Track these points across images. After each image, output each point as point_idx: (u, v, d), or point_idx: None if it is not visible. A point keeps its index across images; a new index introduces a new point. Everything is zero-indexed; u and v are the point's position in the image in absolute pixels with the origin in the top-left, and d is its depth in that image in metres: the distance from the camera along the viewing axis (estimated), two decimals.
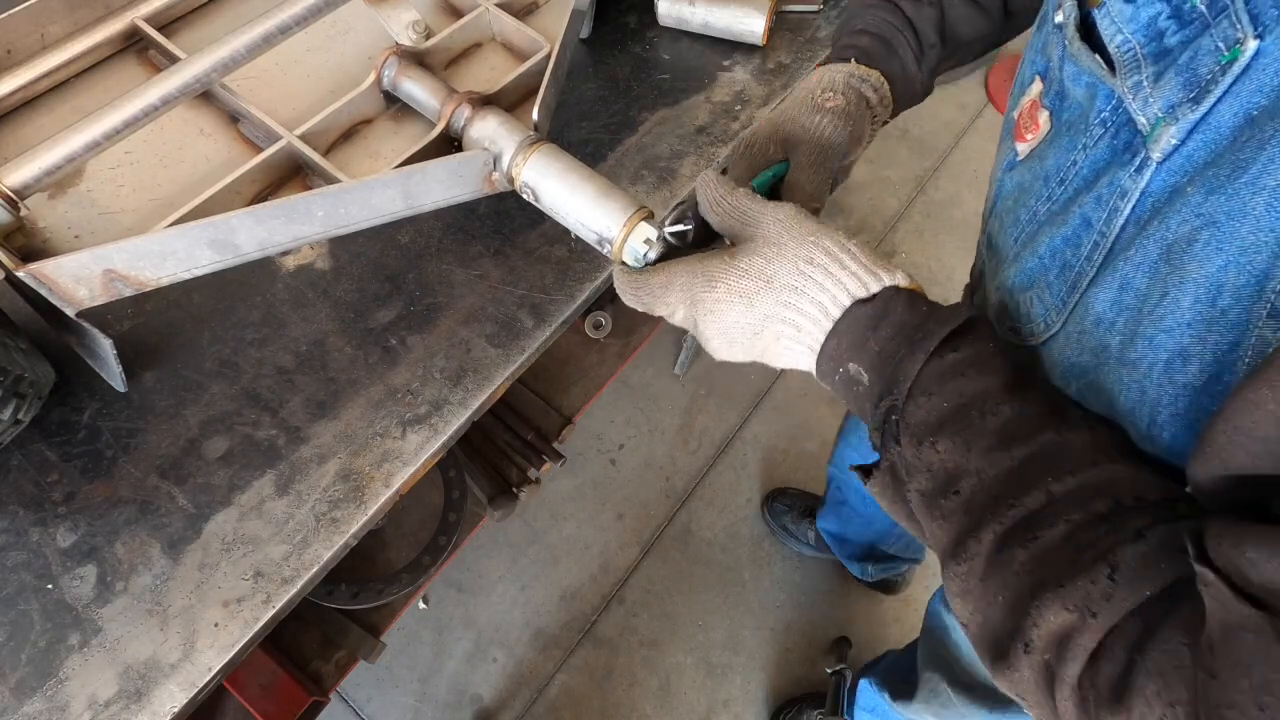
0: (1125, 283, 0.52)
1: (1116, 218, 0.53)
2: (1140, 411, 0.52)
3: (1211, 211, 0.45)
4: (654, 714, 1.85)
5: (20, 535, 0.79)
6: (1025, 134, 0.64)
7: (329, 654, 1.36)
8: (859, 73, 0.76)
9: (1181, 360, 0.48)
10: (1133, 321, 0.51)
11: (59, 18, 0.82)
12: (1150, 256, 0.50)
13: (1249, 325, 0.44)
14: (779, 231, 0.57)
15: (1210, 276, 0.45)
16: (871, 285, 0.55)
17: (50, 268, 0.67)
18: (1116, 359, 0.53)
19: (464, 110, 0.77)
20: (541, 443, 1.59)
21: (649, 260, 0.67)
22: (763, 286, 0.57)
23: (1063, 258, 0.58)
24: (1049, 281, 0.60)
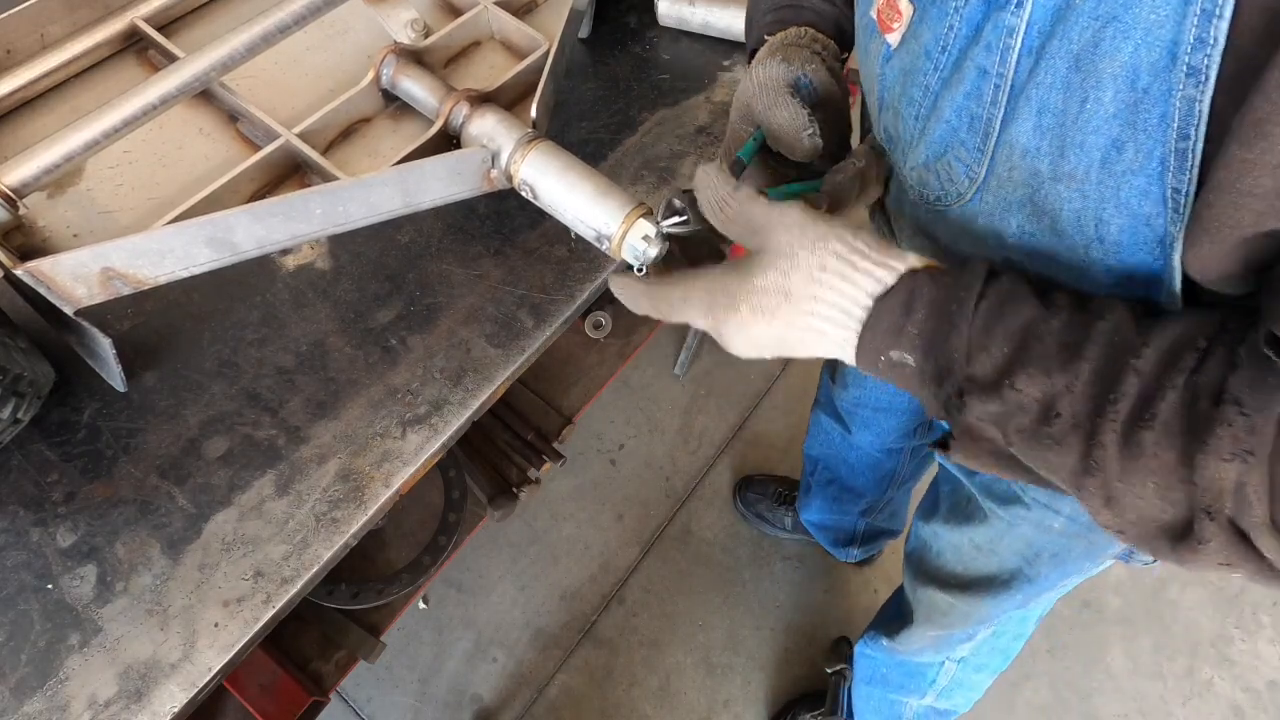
0: (1042, 107, 0.53)
1: (1010, 55, 0.54)
2: (1085, 217, 0.55)
3: (1108, 9, 0.48)
4: (654, 714, 1.84)
5: (20, 535, 0.79)
6: (891, 25, 0.65)
7: (329, 654, 1.36)
8: (774, 39, 0.76)
9: (1116, 150, 0.51)
10: (1058, 138, 0.53)
11: (59, 18, 0.82)
12: (1059, 74, 0.51)
13: (1171, 92, 0.47)
14: (788, 242, 0.58)
15: (1125, 64, 0.48)
16: (887, 278, 0.56)
17: (48, 266, 0.67)
18: (1051, 178, 0.55)
19: (462, 108, 0.77)
20: (541, 443, 1.59)
21: (649, 257, 0.67)
22: (782, 302, 0.58)
23: (969, 112, 0.59)
24: (961, 139, 0.61)
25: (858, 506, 1.66)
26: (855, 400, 1.33)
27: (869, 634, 1.51)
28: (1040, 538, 0.90)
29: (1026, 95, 0.54)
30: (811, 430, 1.59)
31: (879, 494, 1.60)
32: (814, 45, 0.77)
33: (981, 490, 0.93)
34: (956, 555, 1.06)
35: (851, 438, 1.42)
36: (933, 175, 0.67)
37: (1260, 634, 1.91)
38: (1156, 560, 0.54)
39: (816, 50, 0.76)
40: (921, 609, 1.22)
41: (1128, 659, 1.89)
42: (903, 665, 1.42)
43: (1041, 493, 0.84)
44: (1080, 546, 0.88)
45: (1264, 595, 1.96)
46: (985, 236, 0.66)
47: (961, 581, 1.08)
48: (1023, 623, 1.17)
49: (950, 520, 1.04)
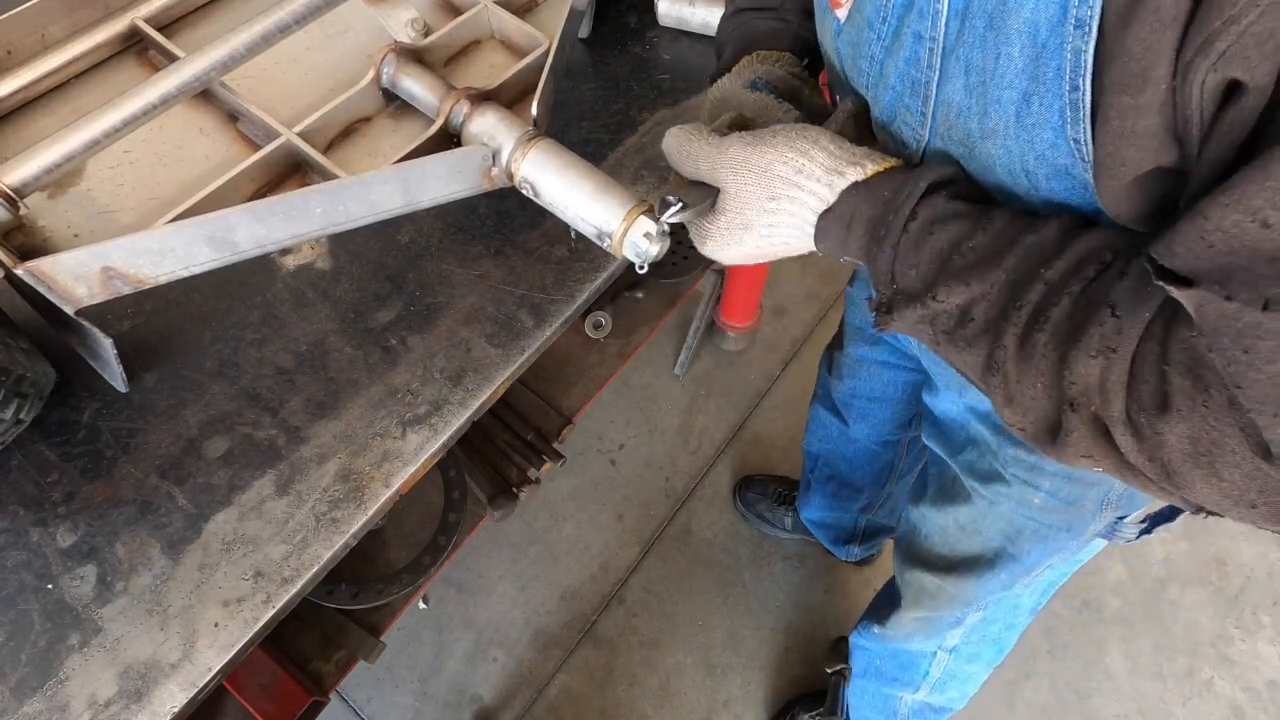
0: (968, 65, 0.57)
1: (940, 20, 0.57)
2: (1015, 170, 0.58)
3: None
4: (654, 714, 1.84)
5: (20, 535, 0.79)
6: (838, 3, 0.68)
7: (329, 654, 1.36)
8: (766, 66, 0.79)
9: (1025, 103, 0.54)
10: (981, 96, 0.57)
11: (59, 18, 0.82)
12: (979, 32, 0.55)
13: (1064, 45, 0.50)
14: (735, 179, 0.63)
15: (1027, 20, 0.51)
16: (828, 195, 0.61)
17: (49, 265, 0.67)
18: (979, 136, 0.58)
19: (463, 106, 0.77)
20: (541, 443, 1.59)
21: (651, 254, 0.67)
22: (744, 232, 0.64)
23: (910, 78, 0.62)
24: (906, 104, 0.64)
25: (857, 503, 1.66)
26: (850, 391, 1.34)
27: (861, 624, 1.52)
28: (1021, 514, 0.93)
29: (956, 55, 0.58)
30: (810, 426, 1.60)
31: (878, 489, 1.60)
32: (765, 61, 0.80)
33: (965, 469, 0.96)
34: (943, 537, 1.08)
35: (849, 430, 1.43)
36: (886, 140, 0.70)
37: (1260, 634, 1.91)
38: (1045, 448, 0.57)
39: (768, 63, 0.79)
40: (910, 592, 1.24)
41: (1127, 659, 1.89)
42: (895, 655, 1.42)
43: (1021, 469, 0.87)
44: (1060, 521, 0.91)
45: (1264, 595, 1.96)
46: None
47: (948, 562, 1.10)
48: (1014, 611, 1.17)
49: (937, 502, 1.06)
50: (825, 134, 0.63)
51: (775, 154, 0.62)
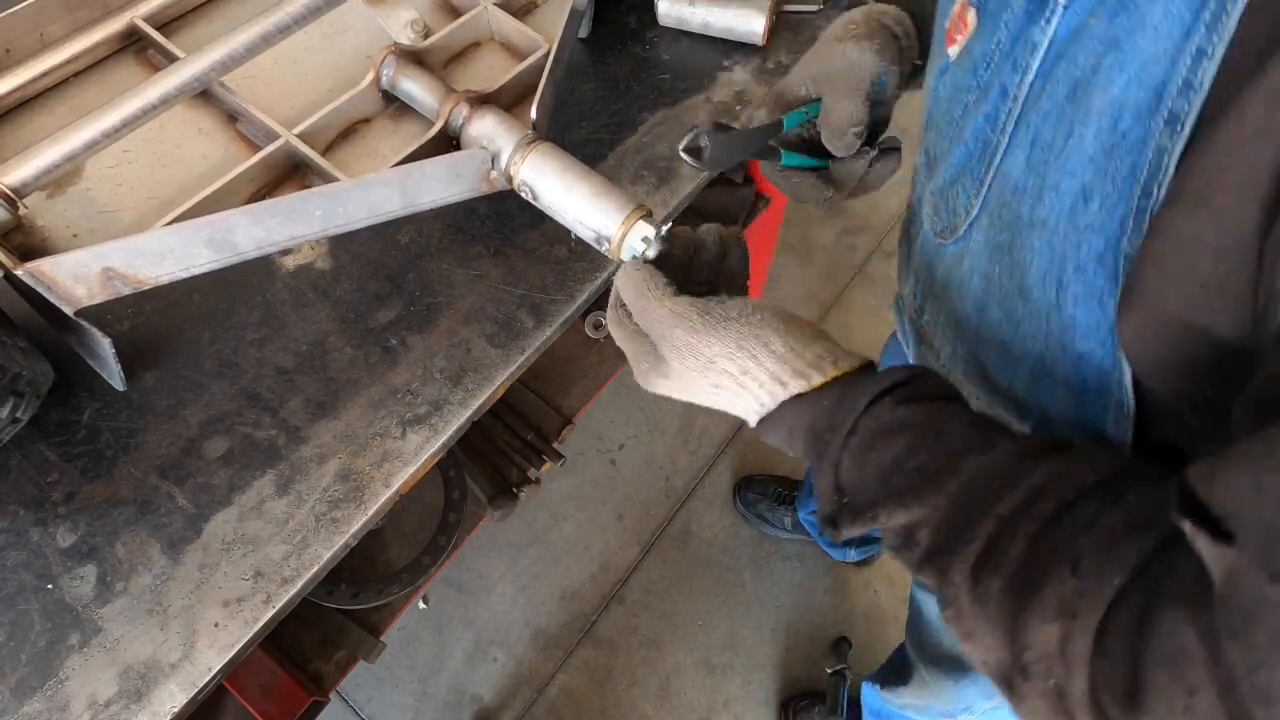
0: (1035, 137, 0.52)
1: (1027, 74, 0.53)
2: (1050, 276, 0.53)
3: (1114, 33, 0.46)
4: (654, 714, 1.84)
5: (20, 535, 0.79)
6: (955, 36, 0.63)
7: (329, 654, 1.36)
8: (878, 9, 0.75)
9: (1084, 199, 0.49)
10: (1040, 177, 0.52)
11: (58, 17, 0.82)
12: (1058, 100, 0.50)
13: (1147, 140, 0.44)
14: (681, 362, 0.59)
15: (1113, 100, 0.46)
16: (769, 404, 0.57)
17: (48, 266, 0.67)
18: (1028, 224, 0.54)
19: (462, 109, 0.77)
20: (541, 443, 1.59)
21: (648, 258, 0.67)
22: (687, 398, 0.62)
23: (983, 136, 0.58)
24: (970, 166, 0.60)
25: None
26: None
27: (869, 676, 1.53)
28: None
29: (1026, 121, 0.53)
30: None
31: None
32: (903, 38, 0.75)
33: None
34: (938, 624, 1.04)
35: None
36: (943, 203, 0.66)
37: None
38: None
39: (903, 45, 0.75)
40: (914, 673, 1.23)
41: None
42: (893, 717, 1.43)
43: None
44: None
45: None
46: (965, 283, 0.65)
47: (935, 655, 1.08)
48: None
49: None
50: (779, 331, 0.58)
51: (720, 349, 0.58)
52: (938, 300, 0.74)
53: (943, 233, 0.68)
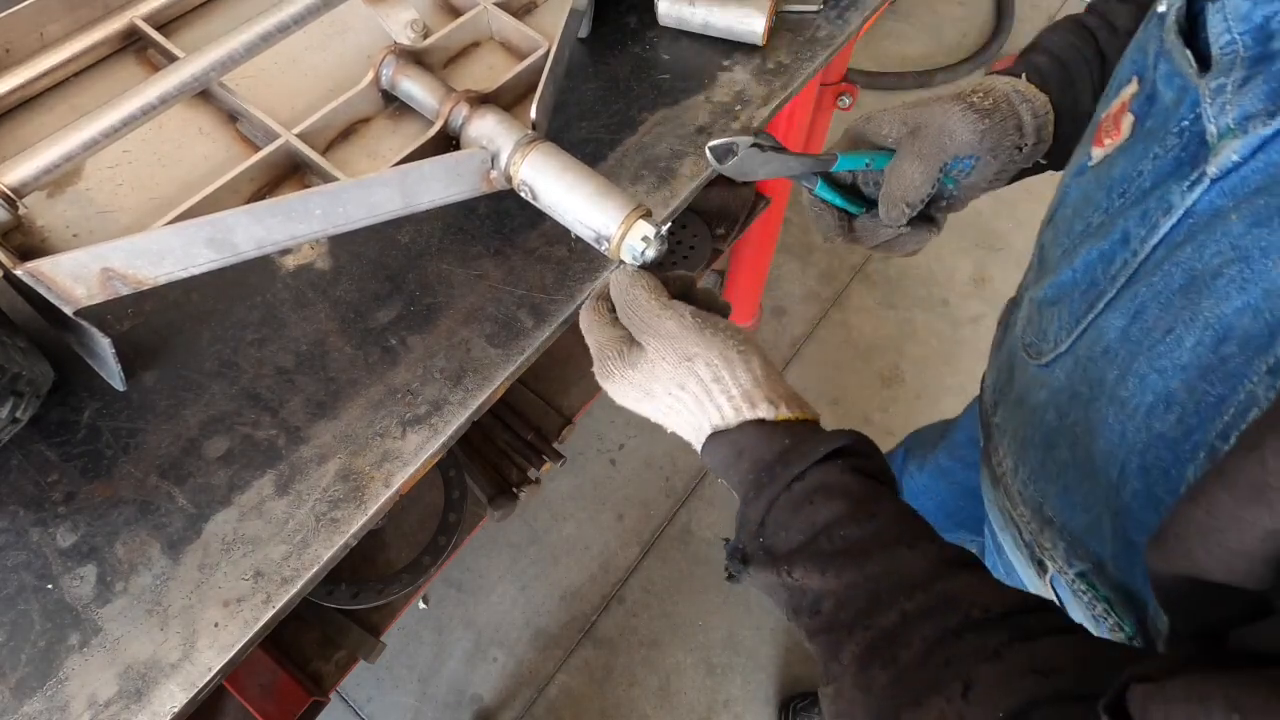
0: (1139, 311, 0.49)
1: (1153, 235, 0.49)
2: (1114, 457, 0.51)
3: (1248, 245, 0.42)
4: (654, 714, 1.84)
5: (20, 535, 0.79)
6: (1104, 138, 0.58)
7: (329, 654, 1.36)
8: (1023, 89, 0.69)
9: (1164, 406, 0.46)
10: (1131, 356, 0.49)
11: (58, 17, 0.82)
12: (1172, 284, 0.46)
13: (1243, 379, 0.40)
14: (658, 349, 0.59)
15: (1223, 318, 0.42)
16: (731, 418, 0.57)
17: (48, 266, 0.67)
18: (1109, 394, 0.51)
19: (462, 109, 0.77)
20: (541, 443, 1.59)
21: (648, 259, 0.67)
22: (644, 397, 0.62)
23: (1092, 274, 0.55)
24: (1073, 298, 0.57)
25: None
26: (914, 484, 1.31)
27: None
28: None
29: (1135, 290, 0.49)
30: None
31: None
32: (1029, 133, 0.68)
33: None
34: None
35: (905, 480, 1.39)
36: (1037, 318, 0.63)
37: None
38: None
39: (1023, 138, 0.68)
40: None
41: None
42: None
43: None
44: None
45: None
46: (1040, 412, 0.62)
47: None
48: None
49: None
50: (761, 357, 0.58)
51: (702, 350, 0.58)
52: (1010, 411, 0.71)
53: (1029, 348, 0.65)
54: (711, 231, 1.73)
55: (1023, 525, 0.71)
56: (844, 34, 1.17)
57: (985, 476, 0.84)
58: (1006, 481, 0.73)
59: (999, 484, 0.76)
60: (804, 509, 0.53)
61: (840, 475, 0.53)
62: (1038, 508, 0.67)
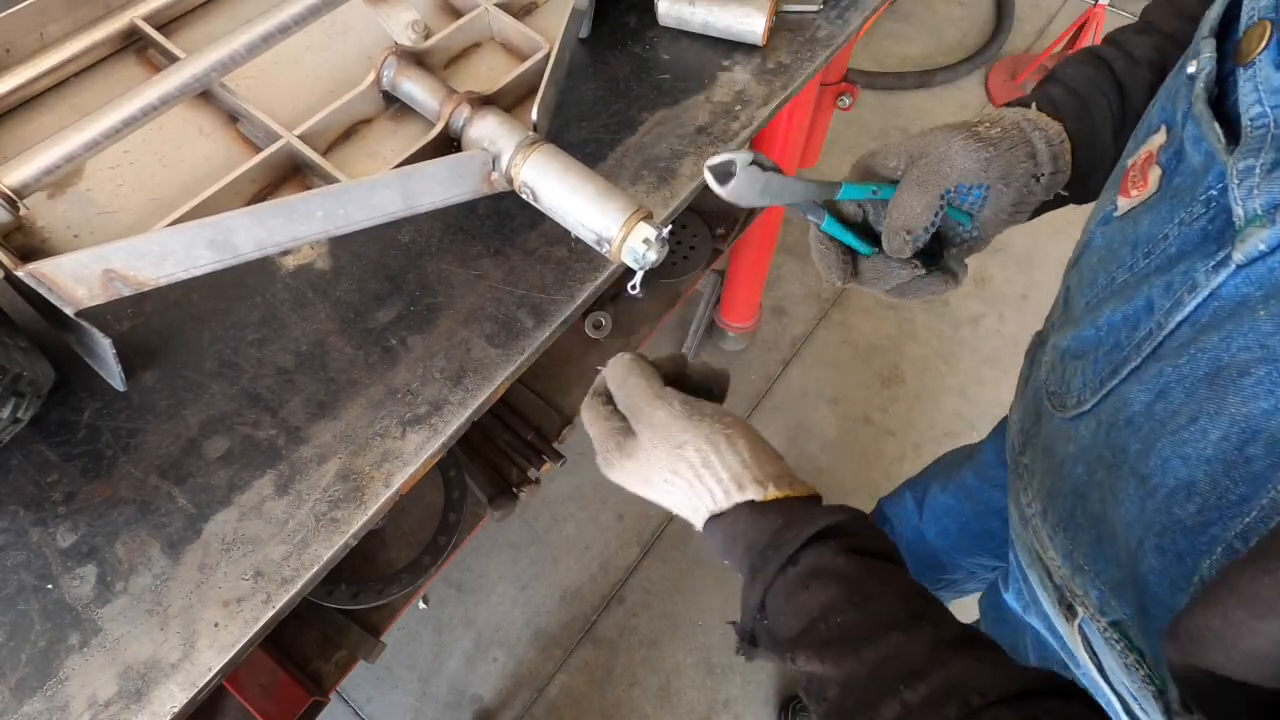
0: (1164, 390, 0.47)
1: (1177, 311, 0.47)
2: (1133, 530, 0.50)
3: (1276, 346, 0.40)
4: (654, 714, 1.85)
5: (20, 535, 0.79)
6: (1130, 189, 0.57)
7: (329, 654, 1.36)
8: (1034, 118, 0.67)
9: (1185, 494, 0.44)
10: (1155, 435, 0.47)
11: (58, 17, 0.82)
12: (1198, 370, 0.45)
13: (1268, 483, 0.39)
14: (650, 439, 0.60)
15: (1250, 418, 0.40)
16: (722, 501, 0.57)
17: (49, 267, 0.67)
18: (1131, 466, 0.50)
19: (463, 110, 0.77)
20: (541, 443, 1.59)
21: (649, 261, 0.67)
22: (643, 484, 0.62)
23: (1116, 336, 0.54)
24: (1097, 357, 0.56)
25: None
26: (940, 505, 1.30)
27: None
28: None
29: (1160, 366, 0.48)
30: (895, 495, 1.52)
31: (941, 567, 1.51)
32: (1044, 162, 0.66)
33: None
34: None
35: (921, 526, 1.38)
36: (1060, 368, 0.62)
37: None
38: None
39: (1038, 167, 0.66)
40: None
41: None
42: None
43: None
44: None
45: None
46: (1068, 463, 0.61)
47: None
48: None
49: None
50: (747, 440, 0.59)
51: (691, 437, 0.59)
52: (1038, 456, 0.70)
53: (1052, 397, 0.64)
54: (711, 231, 1.73)
55: (1053, 569, 0.69)
56: (844, 34, 1.17)
57: (1013, 513, 0.82)
58: (1035, 524, 0.72)
59: (1027, 524, 0.75)
60: (799, 594, 0.53)
61: (833, 558, 0.53)
62: (1069, 554, 0.66)
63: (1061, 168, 0.68)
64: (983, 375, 2.32)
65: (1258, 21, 0.46)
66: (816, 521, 0.54)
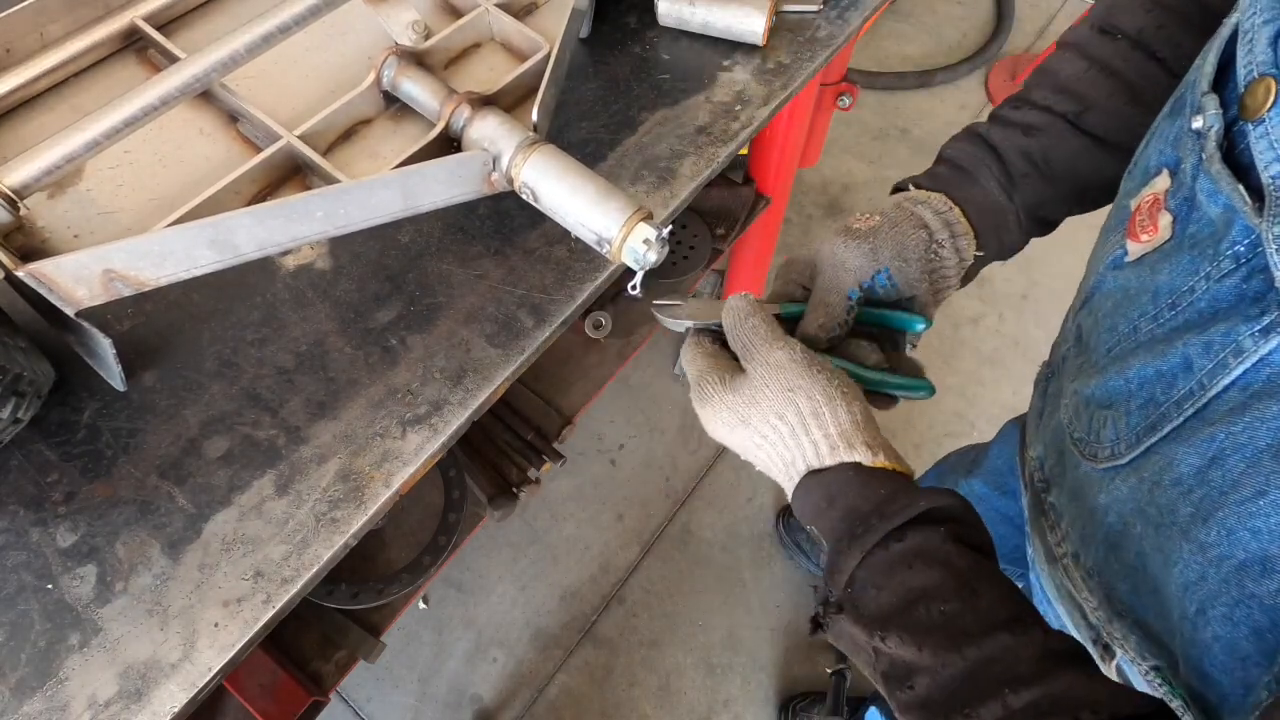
0: (1219, 456, 0.45)
1: (1222, 374, 0.46)
2: (1190, 594, 0.47)
3: None
4: (654, 714, 1.85)
5: (20, 535, 0.79)
6: (1140, 233, 0.56)
7: (329, 654, 1.36)
8: (916, 195, 0.70)
9: (1260, 568, 0.43)
10: (1214, 502, 0.45)
11: (58, 16, 0.82)
12: (1258, 442, 0.43)
13: None
14: (763, 377, 0.58)
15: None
16: (827, 458, 0.55)
17: (50, 268, 0.67)
18: (1182, 529, 0.48)
19: (463, 111, 0.77)
20: (541, 443, 1.59)
21: (649, 261, 0.67)
22: (739, 424, 0.59)
23: (1150, 391, 0.52)
24: (1129, 410, 0.55)
25: None
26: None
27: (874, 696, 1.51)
28: None
29: (1210, 430, 0.46)
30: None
31: None
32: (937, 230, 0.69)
33: None
34: None
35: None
36: (1085, 414, 0.61)
37: None
38: None
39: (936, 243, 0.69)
40: None
41: None
42: None
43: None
44: None
45: None
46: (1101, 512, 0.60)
47: None
48: None
49: None
50: (863, 402, 0.58)
51: (806, 385, 0.57)
52: (1067, 499, 0.68)
53: (1079, 444, 0.62)
54: (711, 231, 1.73)
55: (1087, 609, 0.67)
56: (844, 34, 1.17)
57: (1036, 545, 0.79)
58: (1067, 565, 0.69)
59: (1056, 563, 0.72)
60: (900, 572, 0.50)
61: (942, 543, 0.51)
62: (1106, 600, 0.64)
63: (959, 232, 0.70)
64: (982, 375, 2.32)
65: (1259, 77, 0.45)
66: (928, 499, 0.52)
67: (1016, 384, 2.31)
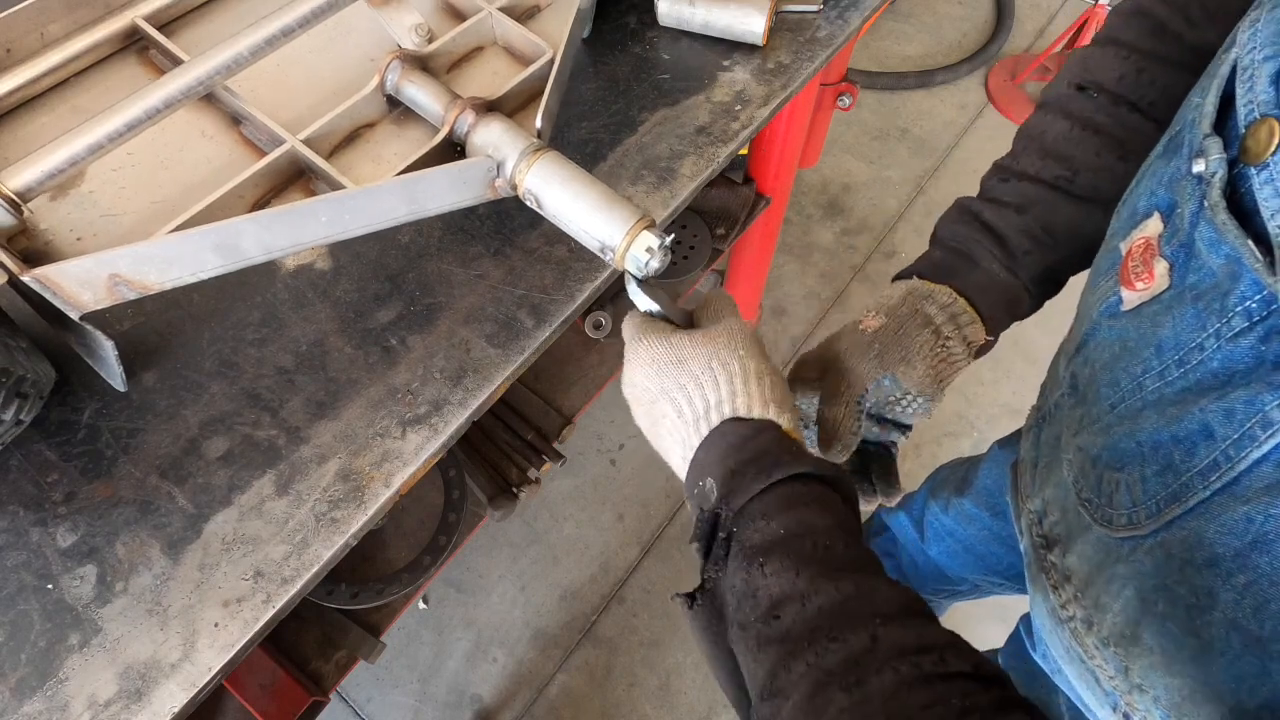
0: (1263, 542, 0.42)
1: (1251, 448, 0.43)
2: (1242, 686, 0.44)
3: None
4: (654, 714, 1.85)
5: (20, 535, 0.79)
6: (1134, 281, 0.53)
7: (329, 654, 1.36)
8: (920, 289, 0.70)
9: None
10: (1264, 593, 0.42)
11: (59, 16, 0.82)
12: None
13: None
14: (719, 329, 0.60)
15: None
16: (756, 412, 0.56)
17: (55, 272, 0.67)
18: (1226, 615, 0.45)
19: (467, 116, 0.77)
20: (541, 443, 1.59)
21: (652, 269, 0.67)
22: (674, 363, 0.59)
23: (1168, 458, 0.49)
24: (1144, 476, 0.52)
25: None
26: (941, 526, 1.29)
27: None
28: None
29: (1248, 511, 0.43)
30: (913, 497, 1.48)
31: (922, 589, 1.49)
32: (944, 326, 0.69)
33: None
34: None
35: (925, 547, 1.37)
36: (1095, 477, 0.58)
37: None
38: None
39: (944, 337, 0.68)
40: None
41: None
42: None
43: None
44: None
45: None
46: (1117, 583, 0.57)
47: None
48: None
49: None
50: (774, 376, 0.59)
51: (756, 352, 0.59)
52: (1073, 559, 0.65)
53: (1089, 505, 0.60)
54: (711, 231, 1.73)
55: (1101, 676, 0.64)
56: (844, 34, 1.17)
57: (1038, 601, 0.74)
58: (1076, 629, 0.66)
59: (1063, 625, 0.68)
60: (797, 508, 0.51)
61: (841, 505, 0.53)
62: (1124, 670, 0.60)
63: (964, 322, 0.70)
64: (983, 375, 2.32)
65: (1261, 118, 0.42)
66: (838, 471, 0.54)
67: (1016, 384, 2.31)
